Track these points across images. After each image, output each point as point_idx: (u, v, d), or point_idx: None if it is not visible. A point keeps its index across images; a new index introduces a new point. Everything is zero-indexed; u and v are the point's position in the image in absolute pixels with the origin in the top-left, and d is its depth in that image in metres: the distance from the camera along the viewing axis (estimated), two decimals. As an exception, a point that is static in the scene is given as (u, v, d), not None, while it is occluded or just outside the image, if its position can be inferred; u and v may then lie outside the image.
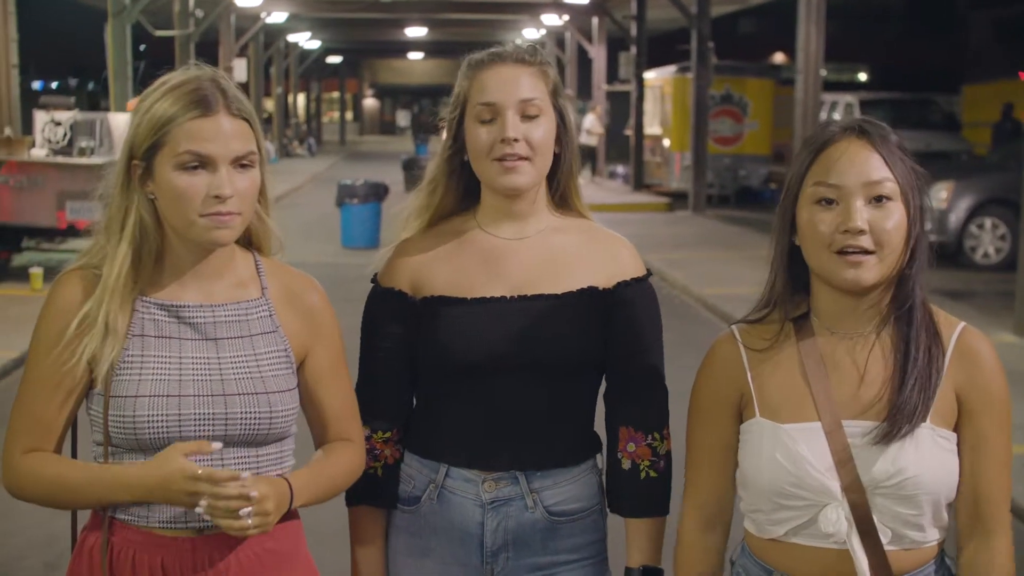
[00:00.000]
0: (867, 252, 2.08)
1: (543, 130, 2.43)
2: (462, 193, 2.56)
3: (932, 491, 2.09)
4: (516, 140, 2.39)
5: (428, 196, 2.57)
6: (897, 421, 2.08)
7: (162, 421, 2.15)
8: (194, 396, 2.18)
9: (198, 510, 2.07)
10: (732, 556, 2.33)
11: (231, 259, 2.30)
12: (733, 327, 2.30)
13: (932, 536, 2.14)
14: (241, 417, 2.20)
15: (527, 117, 2.42)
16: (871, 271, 2.09)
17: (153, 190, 2.20)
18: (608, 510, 2.57)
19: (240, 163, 2.19)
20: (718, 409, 2.25)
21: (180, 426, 2.16)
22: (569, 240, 2.53)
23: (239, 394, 2.21)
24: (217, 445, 2.13)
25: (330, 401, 2.39)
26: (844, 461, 2.09)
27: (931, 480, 2.08)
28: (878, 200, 2.08)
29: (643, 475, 2.49)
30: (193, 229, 2.18)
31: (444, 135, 2.54)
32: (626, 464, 2.50)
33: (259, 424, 2.21)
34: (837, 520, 2.08)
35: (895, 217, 2.08)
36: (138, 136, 2.19)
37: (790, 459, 2.10)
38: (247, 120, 2.22)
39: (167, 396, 2.17)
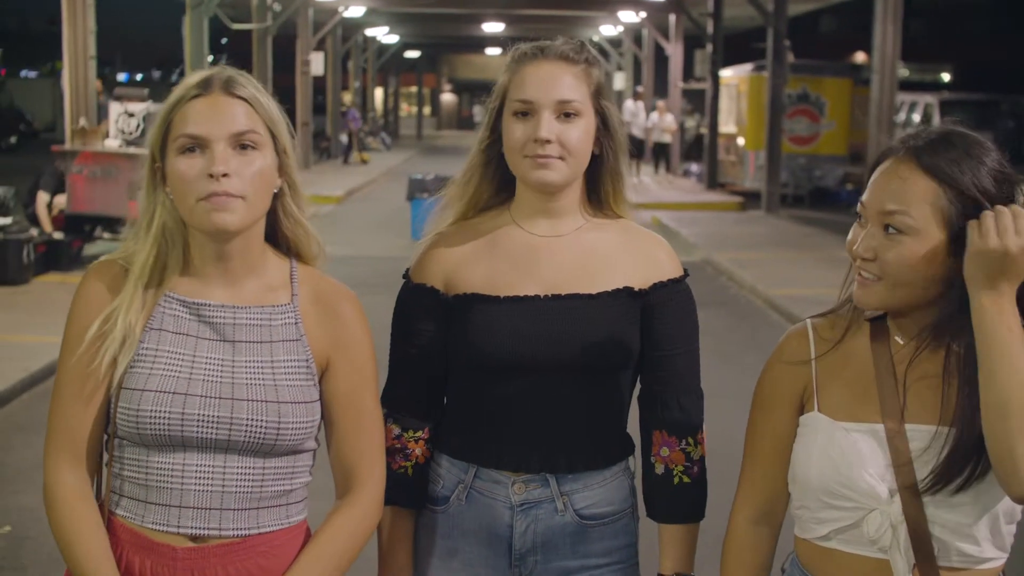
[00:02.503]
0: (874, 279, 2.06)
1: (579, 131, 2.39)
2: (498, 184, 2.53)
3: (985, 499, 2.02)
4: (549, 141, 2.36)
5: (463, 186, 2.54)
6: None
7: (165, 418, 2.12)
8: (201, 396, 2.14)
9: None
10: (783, 565, 2.29)
11: (262, 261, 2.26)
12: (807, 320, 2.26)
13: (988, 552, 2.05)
14: (247, 423, 2.14)
15: (563, 117, 2.38)
16: (871, 296, 2.07)
17: (169, 187, 2.17)
18: (645, 514, 2.53)
19: (240, 143, 2.14)
20: (779, 399, 2.22)
21: (183, 425, 2.12)
22: (605, 239, 2.48)
23: (248, 400, 2.15)
24: None
25: (345, 423, 2.29)
26: (903, 466, 2.04)
27: (984, 489, 2.01)
28: (889, 229, 2.03)
29: (676, 480, 2.45)
30: (194, 215, 2.13)
31: (483, 124, 2.52)
32: (659, 469, 2.46)
33: (265, 433, 2.15)
34: (880, 527, 2.03)
35: (901, 250, 2.02)
36: (153, 136, 2.19)
37: (842, 457, 2.06)
38: (249, 102, 2.18)
39: (173, 393, 2.13)
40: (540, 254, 2.45)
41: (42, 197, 12.92)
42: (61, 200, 12.84)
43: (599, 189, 2.52)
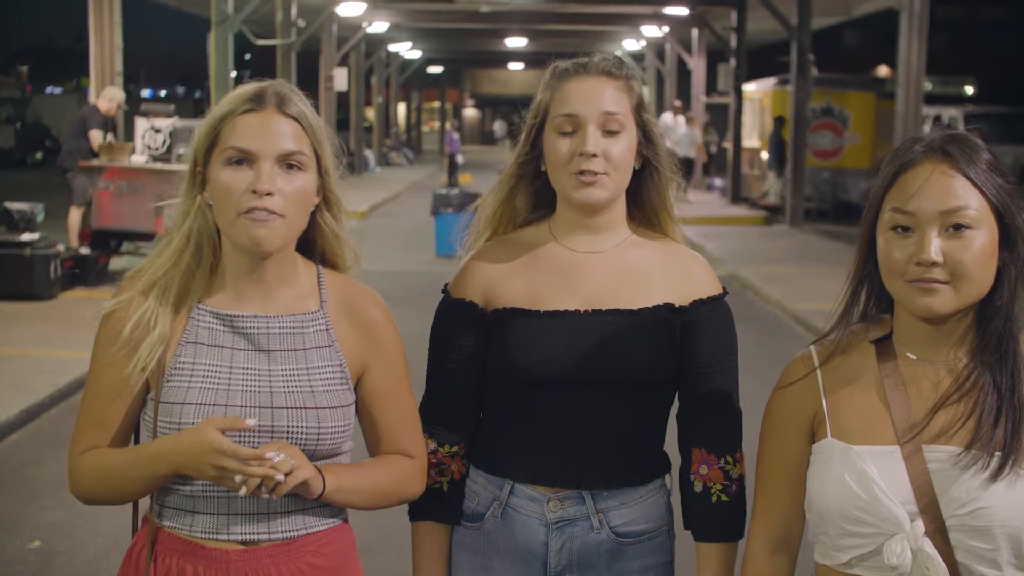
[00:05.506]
0: (942, 282, 1.99)
1: (623, 146, 2.39)
2: (535, 201, 2.53)
3: (1008, 524, 1.97)
4: (595, 155, 2.36)
5: (497, 202, 2.55)
6: (1008, 458, 1.97)
7: None
8: (241, 407, 2.16)
9: (241, 492, 2.06)
10: None
11: (292, 270, 2.28)
12: (811, 346, 2.23)
13: None
14: (288, 431, 2.17)
15: (608, 132, 2.38)
16: (945, 300, 2.00)
17: (209, 194, 2.20)
18: (685, 529, 2.51)
19: (287, 163, 2.17)
20: (790, 429, 2.19)
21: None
22: (644, 256, 2.48)
23: (287, 408, 2.18)
24: (252, 423, 2.10)
25: (388, 420, 2.35)
26: (922, 487, 2.00)
27: (1005, 513, 1.97)
28: (956, 228, 1.99)
29: (714, 499, 2.43)
30: (234, 229, 2.15)
31: (521, 141, 2.51)
32: (698, 487, 2.44)
33: (307, 439, 2.18)
34: (902, 552, 1.99)
35: (974, 247, 1.98)
36: (199, 141, 2.21)
37: (860, 481, 2.02)
38: (299, 122, 2.20)
39: (214, 405, 2.16)
40: (580, 269, 2.45)
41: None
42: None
43: (644, 203, 2.52)
